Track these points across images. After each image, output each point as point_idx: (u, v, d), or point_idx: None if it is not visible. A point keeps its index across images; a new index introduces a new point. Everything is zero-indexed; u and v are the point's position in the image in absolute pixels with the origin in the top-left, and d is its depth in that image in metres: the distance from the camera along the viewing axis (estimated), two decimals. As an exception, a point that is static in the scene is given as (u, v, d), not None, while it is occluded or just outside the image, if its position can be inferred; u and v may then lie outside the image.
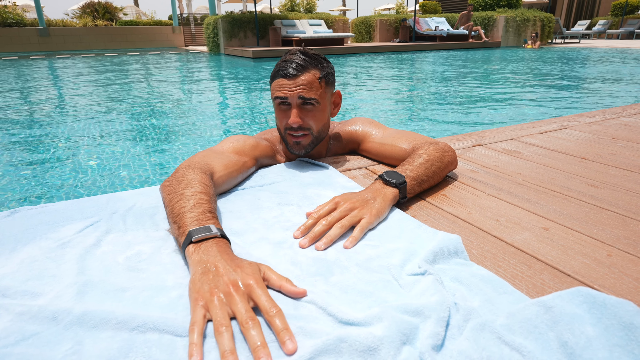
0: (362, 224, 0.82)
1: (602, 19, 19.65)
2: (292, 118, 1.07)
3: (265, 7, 22.92)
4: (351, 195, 0.89)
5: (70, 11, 19.55)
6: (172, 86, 6.32)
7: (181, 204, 0.77)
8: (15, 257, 0.73)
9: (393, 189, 0.92)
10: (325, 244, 0.77)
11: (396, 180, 0.93)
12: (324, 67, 1.10)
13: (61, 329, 0.55)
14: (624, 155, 1.34)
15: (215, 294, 0.58)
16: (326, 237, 0.78)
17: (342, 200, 0.87)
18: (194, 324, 0.54)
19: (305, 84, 1.05)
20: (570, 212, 0.92)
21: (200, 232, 0.69)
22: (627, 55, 10.24)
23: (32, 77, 7.37)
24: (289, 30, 12.60)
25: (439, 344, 0.53)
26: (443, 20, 15.45)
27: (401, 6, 23.58)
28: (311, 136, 1.12)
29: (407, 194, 0.95)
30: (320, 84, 1.08)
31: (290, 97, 1.06)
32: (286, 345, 0.52)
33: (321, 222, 0.82)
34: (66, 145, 3.08)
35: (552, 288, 0.65)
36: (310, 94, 1.06)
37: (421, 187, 1.01)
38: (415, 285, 0.64)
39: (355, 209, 0.85)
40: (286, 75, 1.05)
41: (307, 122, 1.09)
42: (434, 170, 1.03)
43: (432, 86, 5.93)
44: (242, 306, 0.56)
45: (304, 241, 0.78)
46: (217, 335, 0.53)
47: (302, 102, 1.07)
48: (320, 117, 1.11)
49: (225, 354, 0.51)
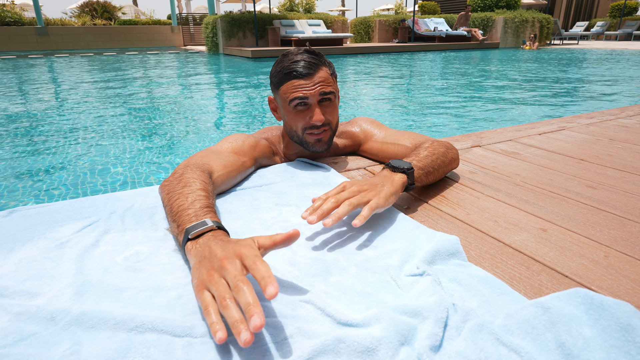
0: (371, 204, 0.81)
1: (601, 21, 19.72)
2: (316, 116, 1.06)
3: (264, 7, 22.91)
4: (360, 180, 0.89)
5: (68, 10, 19.51)
6: (170, 86, 6.31)
7: (179, 202, 0.77)
8: (13, 257, 0.73)
9: (401, 174, 0.91)
10: (333, 221, 0.76)
11: (404, 166, 0.92)
12: (329, 63, 1.12)
13: (59, 329, 0.55)
14: (621, 156, 1.34)
15: (212, 273, 0.58)
16: (334, 214, 0.77)
17: (350, 184, 0.86)
18: (206, 307, 0.54)
19: (323, 80, 1.07)
20: (568, 213, 0.93)
21: (197, 227, 0.69)
22: (625, 56, 10.27)
23: (30, 77, 7.35)
24: (288, 30, 12.61)
25: (437, 345, 0.53)
26: (442, 21, 15.48)
27: (400, 7, 23.61)
28: (330, 131, 1.13)
29: (415, 181, 0.95)
30: (333, 79, 1.11)
31: (311, 96, 1.06)
32: (267, 290, 0.50)
33: (330, 200, 0.80)
34: (64, 145, 3.07)
35: (549, 289, 0.65)
36: (329, 88, 1.07)
37: (427, 179, 1.00)
38: (414, 286, 0.65)
39: (363, 191, 0.84)
40: (301, 74, 1.05)
41: (327, 118, 1.10)
42: (438, 163, 1.03)
43: (430, 87, 5.94)
44: (233, 271, 0.55)
45: (312, 217, 0.76)
46: (223, 309, 0.53)
47: (321, 99, 1.08)
48: (336, 111, 1.14)
49: (235, 324, 0.50)
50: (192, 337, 0.54)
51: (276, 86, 1.10)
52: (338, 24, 14.79)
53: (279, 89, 1.09)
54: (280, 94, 1.09)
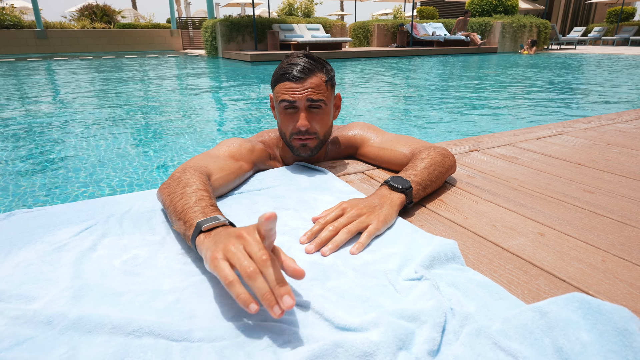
0: (369, 229, 0.82)
1: (598, 26, 19.84)
2: (300, 121, 1.06)
3: (263, 11, 23.00)
4: (358, 202, 0.88)
5: (68, 13, 19.55)
6: (169, 89, 6.32)
7: (184, 202, 0.78)
8: (10, 260, 0.73)
9: (400, 194, 0.92)
10: (331, 250, 0.77)
11: (402, 185, 0.93)
12: (328, 70, 1.11)
13: (56, 334, 0.55)
14: (619, 161, 1.35)
15: (234, 242, 0.59)
16: (332, 243, 0.78)
17: (349, 206, 0.86)
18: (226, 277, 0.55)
19: (313, 86, 1.05)
20: (565, 217, 0.93)
21: (209, 221, 0.69)
22: (622, 61, 10.33)
23: (29, 80, 7.35)
24: (287, 34, 12.65)
25: (435, 350, 0.53)
26: (440, 26, 15.55)
27: (399, 11, 23.73)
28: (317, 140, 1.13)
29: (413, 198, 0.95)
30: (326, 87, 1.09)
31: (299, 101, 1.06)
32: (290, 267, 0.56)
33: (328, 227, 0.81)
34: (62, 148, 3.07)
35: (547, 294, 0.66)
36: (318, 96, 1.06)
37: (425, 192, 1.00)
38: (412, 291, 0.65)
39: (362, 214, 0.84)
40: (293, 78, 1.05)
41: (314, 126, 1.09)
42: (436, 174, 1.03)
43: (428, 91, 5.96)
44: (255, 244, 0.57)
45: (310, 247, 0.78)
46: (250, 280, 0.54)
47: (309, 105, 1.07)
48: (326, 119, 1.12)
49: (265, 295, 0.53)
50: (190, 341, 0.54)
51: (272, 85, 1.12)
52: (337, 28, 14.84)
53: (274, 89, 1.11)
54: (274, 93, 1.11)
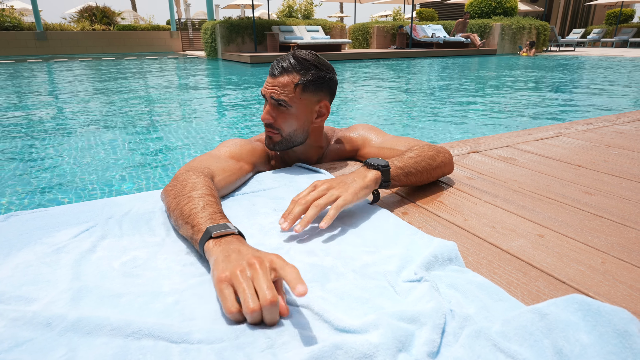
0: (337, 202, 0.84)
1: (597, 28, 19.89)
2: (263, 114, 1.11)
3: (263, 13, 23.03)
4: (331, 178, 0.91)
5: (67, 15, 19.56)
6: (169, 91, 6.32)
7: (191, 206, 0.78)
8: (9, 262, 0.73)
9: (375, 171, 0.94)
10: (302, 226, 0.79)
11: (379, 163, 0.95)
12: (308, 74, 1.08)
13: (55, 335, 0.55)
14: (618, 162, 1.35)
15: (239, 269, 0.59)
16: (303, 219, 0.80)
17: (320, 182, 0.89)
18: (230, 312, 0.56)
19: (279, 85, 1.08)
20: (565, 219, 0.93)
21: (219, 228, 0.70)
22: (621, 63, 10.35)
23: (29, 81, 7.35)
24: (287, 36, 12.67)
25: (435, 351, 0.53)
26: (440, 28, 15.58)
27: (398, 13, 23.77)
28: (280, 136, 1.14)
29: (391, 179, 0.97)
30: (294, 89, 1.08)
31: (266, 94, 1.10)
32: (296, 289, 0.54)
33: (299, 203, 0.84)
34: (62, 150, 3.07)
35: (547, 295, 0.66)
36: (280, 95, 1.08)
37: (408, 179, 1.01)
38: (411, 292, 0.64)
39: (332, 188, 0.87)
40: (270, 72, 1.10)
41: (277, 122, 1.12)
42: (423, 165, 1.04)
43: (428, 93, 5.96)
44: (264, 283, 0.57)
45: (284, 225, 0.80)
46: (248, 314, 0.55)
47: (275, 102, 1.09)
48: (290, 120, 1.12)
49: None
50: (189, 343, 0.54)
51: None
52: (336, 30, 14.87)
53: None
54: None
